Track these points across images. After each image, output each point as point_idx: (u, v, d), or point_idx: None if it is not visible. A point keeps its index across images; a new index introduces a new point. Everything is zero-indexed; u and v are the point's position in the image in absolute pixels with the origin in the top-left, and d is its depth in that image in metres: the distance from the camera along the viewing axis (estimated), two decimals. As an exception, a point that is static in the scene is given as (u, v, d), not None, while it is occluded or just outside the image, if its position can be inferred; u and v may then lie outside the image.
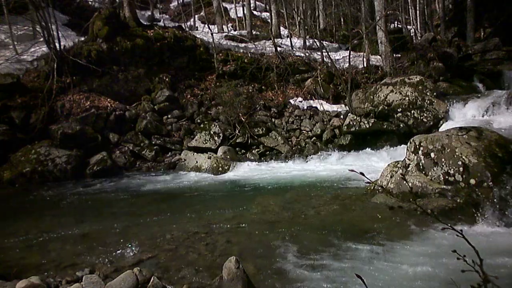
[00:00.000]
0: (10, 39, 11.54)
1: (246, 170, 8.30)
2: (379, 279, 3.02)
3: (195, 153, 9.21)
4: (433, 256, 3.32)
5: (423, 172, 4.96)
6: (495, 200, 4.15)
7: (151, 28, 12.20)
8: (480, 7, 15.66)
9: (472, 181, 4.38)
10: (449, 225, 1.18)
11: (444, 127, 8.16)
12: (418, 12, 17.75)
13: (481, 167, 4.35)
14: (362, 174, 1.31)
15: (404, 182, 5.06)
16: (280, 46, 13.54)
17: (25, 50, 11.27)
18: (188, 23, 18.79)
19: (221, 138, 9.63)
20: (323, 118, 10.20)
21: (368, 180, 1.35)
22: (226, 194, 6.48)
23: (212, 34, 13.20)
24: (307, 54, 13.73)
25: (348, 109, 10.16)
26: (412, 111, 9.14)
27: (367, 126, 9.17)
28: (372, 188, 5.62)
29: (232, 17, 20.91)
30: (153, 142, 9.71)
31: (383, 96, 9.65)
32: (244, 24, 18.11)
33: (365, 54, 12.69)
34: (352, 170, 1.34)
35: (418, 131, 8.41)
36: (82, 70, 10.18)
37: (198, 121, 10.39)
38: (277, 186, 6.76)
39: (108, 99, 10.26)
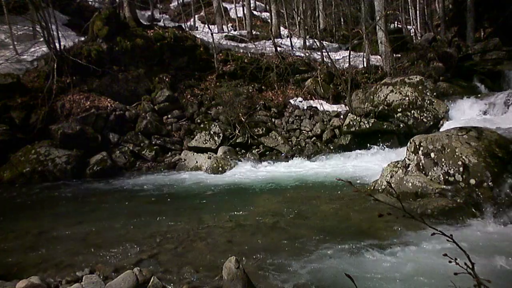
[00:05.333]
0: (10, 39, 11.54)
1: (246, 170, 8.29)
2: (379, 278, 3.02)
3: (195, 153, 9.21)
4: (431, 256, 3.32)
5: (423, 172, 4.96)
6: (495, 200, 4.15)
7: (151, 28, 12.20)
8: (480, 7, 15.68)
9: (472, 181, 4.38)
10: (439, 230, 1.22)
11: (444, 127, 8.17)
12: (418, 12, 17.76)
13: (481, 167, 4.36)
14: (349, 183, 1.33)
15: (404, 182, 5.06)
16: (280, 46, 13.54)
17: (25, 50, 11.26)
18: (188, 23, 18.78)
19: (221, 138, 9.63)
20: (323, 118, 10.20)
21: (356, 188, 1.38)
22: (226, 194, 6.47)
23: (212, 34, 13.19)
24: (307, 54, 13.72)
25: (348, 109, 10.15)
26: (412, 111, 9.14)
27: (367, 126, 9.16)
28: (372, 188, 5.63)
29: (232, 17, 20.91)
30: (153, 142, 9.70)
31: (383, 96, 9.66)
32: (244, 24, 18.11)
33: (365, 54, 12.68)
34: (340, 179, 1.37)
35: (418, 131, 8.42)
36: (82, 70, 10.18)
37: (198, 121, 10.38)
38: (277, 186, 6.76)
39: (108, 99, 10.26)
